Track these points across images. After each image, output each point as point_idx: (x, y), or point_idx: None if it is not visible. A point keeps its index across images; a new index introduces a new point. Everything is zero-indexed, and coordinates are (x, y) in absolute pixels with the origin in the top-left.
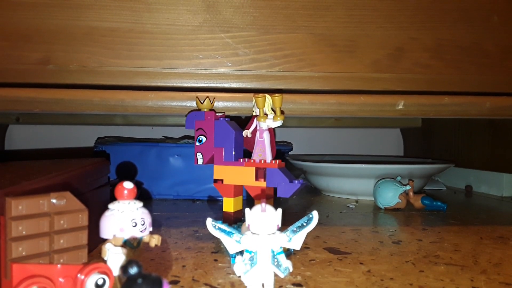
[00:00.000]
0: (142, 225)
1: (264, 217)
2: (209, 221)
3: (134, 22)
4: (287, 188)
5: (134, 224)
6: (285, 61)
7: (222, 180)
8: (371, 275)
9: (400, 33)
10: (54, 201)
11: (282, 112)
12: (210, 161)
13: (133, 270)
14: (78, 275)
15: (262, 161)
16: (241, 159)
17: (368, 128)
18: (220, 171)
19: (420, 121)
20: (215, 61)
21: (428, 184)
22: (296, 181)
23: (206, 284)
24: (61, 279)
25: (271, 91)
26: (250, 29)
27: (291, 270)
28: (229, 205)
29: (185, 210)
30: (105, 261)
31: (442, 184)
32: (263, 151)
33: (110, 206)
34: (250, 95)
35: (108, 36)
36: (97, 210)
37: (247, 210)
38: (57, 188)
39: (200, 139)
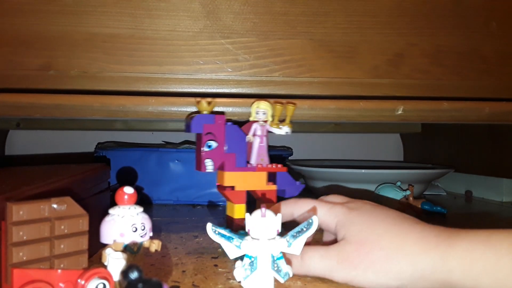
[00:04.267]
0: (142, 230)
1: (264, 222)
2: (209, 226)
3: (134, 28)
4: (295, 189)
5: (134, 229)
6: (285, 67)
7: (233, 187)
8: None
9: (400, 39)
10: (54, 206)
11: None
12: (219, 168)
13: (134, 275)
14: (78, 280)
15: (271, 166)
16: (250, 164)
17: (368, 133)
18: (231, 178)
19: (420, 126)
20: (215, 66)
21: (428, 189)
22: (298, 183)
23: None
24: (61, 284)
25: (271, 97)
26: (250, 35)
27: (291, 275)
28: (242, 211)
29: (185, 215)
30: (105, 266)
31: (442, 189)
32: (265, 155)
33: (111, 211)
34: (250, 100)
35: (109, 42)
36: (97, 215)
37: (247, 215)
38: (57, 193)
39: (210, 144)
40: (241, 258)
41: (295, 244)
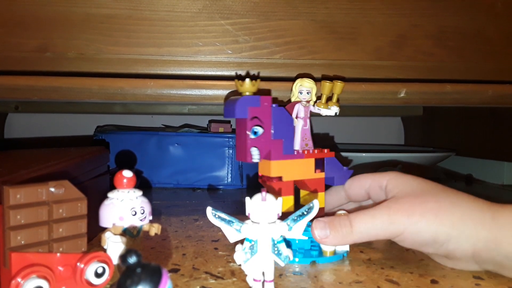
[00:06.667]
0: (142, 213)
1: (264, 206)
2: (209, 210)
3: (132, 9)
4: (343, 176)
5: (133, 213)
6: (286, 49)
7: (280, 178)
8: (372, 264)
9: (403, 20)
10: (52, 189)
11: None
12: (265, 157)
13: (132, 260)
14: (78, 264)
15: (316, 151)
16: (295, 151)
17: (369, 117)
18: (279, 167)
19: (421, 109)
20: (215, 48)
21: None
22: (346, 168)
23: (206, 273)
24: (60, 268)
25: (271, 79)
26: (251, 15)
27: (291, 258)
28: (289, 203)
29: (185, 199)
30: (104, 250)
31: (443, 173)
32: (309, 140)
33: (110, 194)
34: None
35: (106, 22)
36: (96, 198)
37: (247, 199)
38: (56, 177)
39: (256, 130)
40: (241, 241)
41: (295, 228)
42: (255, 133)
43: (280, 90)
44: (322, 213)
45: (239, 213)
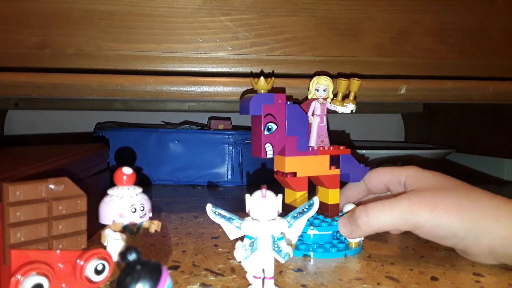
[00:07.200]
0: (142, 210)
1: (264, 203)
2: (209, 207)
3: (132, 5)
4: (359, 173)
5: (133, 210)
6: (286, 45)
7: (294, 173)
8: (372, 260)
9: (404, 17)
10: (52, 186)
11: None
12: (280, 153)
13: (132, 257)
14: (78, 261)
15: (331, 148)
16: (311, 147)
17: (369, 113)
18: (293, 163)
19: (422, 106)
20: (214, 45)
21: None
22: (362, 165)
23: (206, 269)
24: (60, 265)
25: (271, 76)
26: (251, 11)
27: (291, 255)
28: (304, 199)
29: (185, 196)
30: (104, 247)
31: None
32: (325, 137)
33: (109, 191)
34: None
35: (106, 19)
36: (96, 195)
37: (247, 196)
38: (55, 174)
39: (270, 127)
40: (241, 238)
41: (295, 225)
42: (269, 129)
43: (280, 86)
44: (337, 209)
45: (239, 210)
